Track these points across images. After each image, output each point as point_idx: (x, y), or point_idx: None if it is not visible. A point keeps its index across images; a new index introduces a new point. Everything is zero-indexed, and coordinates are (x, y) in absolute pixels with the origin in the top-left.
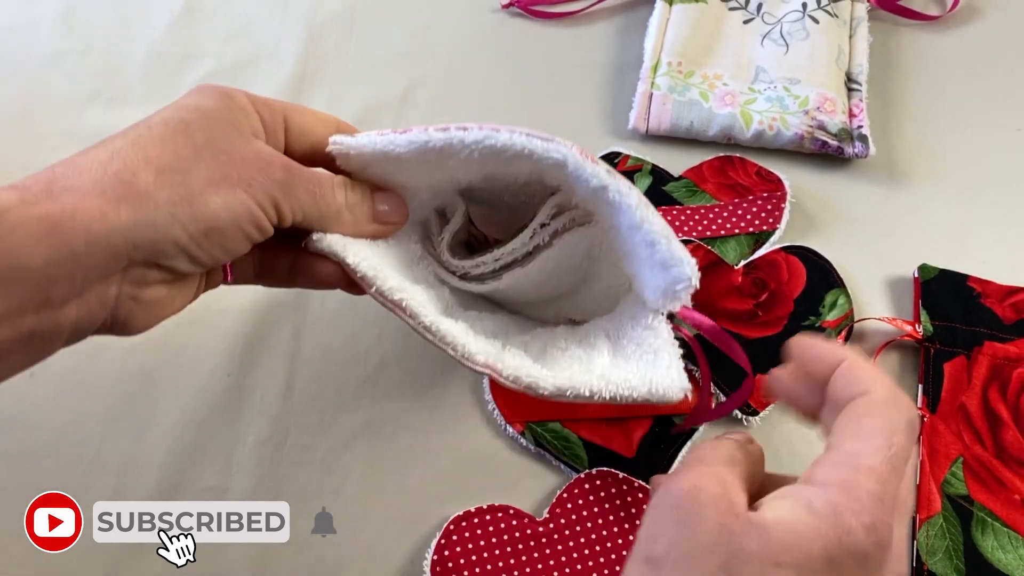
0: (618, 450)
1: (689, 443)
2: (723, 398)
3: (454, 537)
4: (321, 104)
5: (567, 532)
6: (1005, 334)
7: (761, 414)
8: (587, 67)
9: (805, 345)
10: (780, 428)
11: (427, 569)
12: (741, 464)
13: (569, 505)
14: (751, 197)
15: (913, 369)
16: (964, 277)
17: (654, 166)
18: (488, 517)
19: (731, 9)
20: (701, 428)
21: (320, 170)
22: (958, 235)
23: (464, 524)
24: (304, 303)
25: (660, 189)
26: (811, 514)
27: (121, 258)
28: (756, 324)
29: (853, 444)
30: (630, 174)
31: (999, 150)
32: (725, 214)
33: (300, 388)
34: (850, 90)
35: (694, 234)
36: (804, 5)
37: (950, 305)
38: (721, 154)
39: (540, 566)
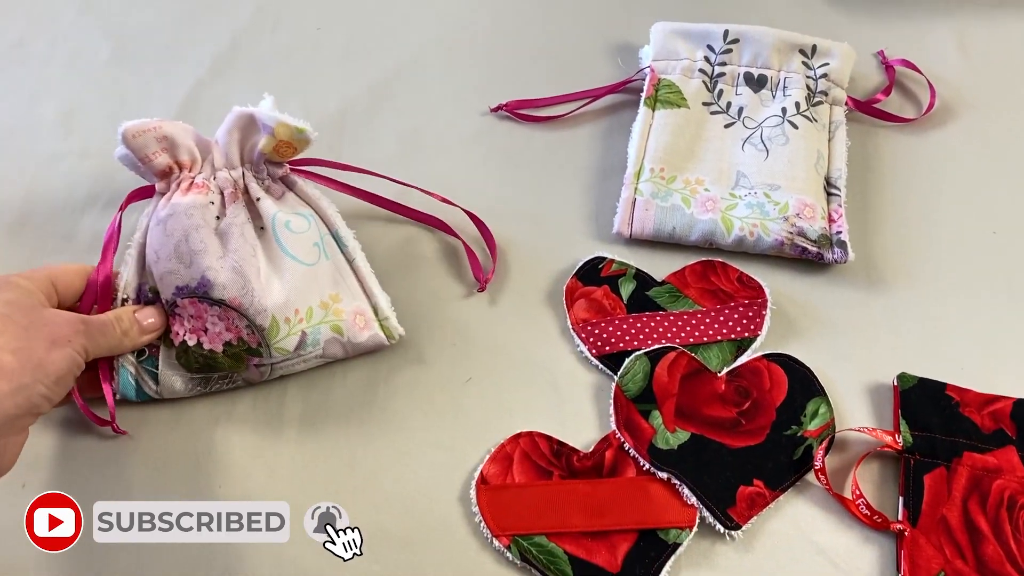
0: (603, 565)
1: (674, 556)
2: (706, 513)
3: None
4: None
5: None
6: (984, 444)
7: (744, 527)
8: (572, 170)
9: None
10: (763, 540)
11: None
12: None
13: None
14: (733, 303)
15: (894, 480)
16: (942, 386)
17: (638, 270)
18: None
19: (712, 113)
20: (686, 542)
21: (103, 316)
22: (936, 340)
23: None
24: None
25: (644, 294)
26: None
27: (11, 417)
28: (740, 433)
29: None
30: (615, 278)
31: (975, 253)
32: (708, 320)
33: None
34: (829, 195)
35: (677, 340)
36: (784, 110)
37: (929, 415)
38: (703, 258)
39: None
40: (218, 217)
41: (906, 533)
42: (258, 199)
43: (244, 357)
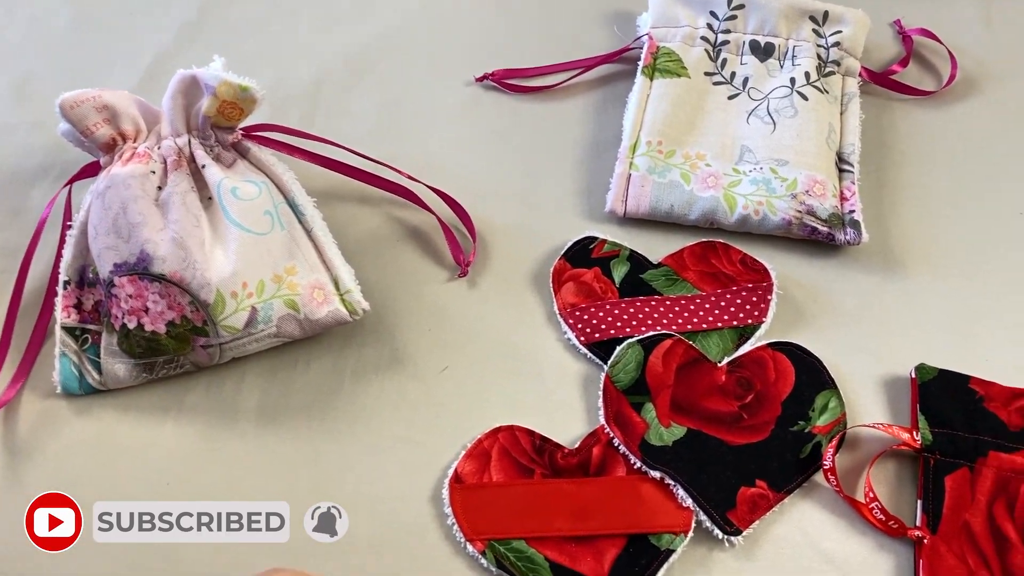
0: (588, 573)
1: (667, 564)
2: (703, 517)
3: None
4: None
5: None
6: (1011, 443)
7: (744, 532)
8: (563, 145)
9: None
10: (765, 547)
11: None
12: None
13: None
14: (735, 288)
15: (912, 481)
16: (965, 379)
17: (632, 252)
18: None
19: (715, 84)
20: (680, 548)
21: None
22: (958, 329)
23: None
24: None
25: (638, 277)
26: None
27: None
28: (741, 429)
29: None
30: (606, 260)
31: (1001, 235)
32: (707, 306)
33: None
34: (841, 171)
35: (674, 327)
36: (792, 80)
37: (951, 410)
38: (703, 239)
39: None
40: (160, 187)
41: (925, 540)
42: (203, 166)
43: (189, 338)
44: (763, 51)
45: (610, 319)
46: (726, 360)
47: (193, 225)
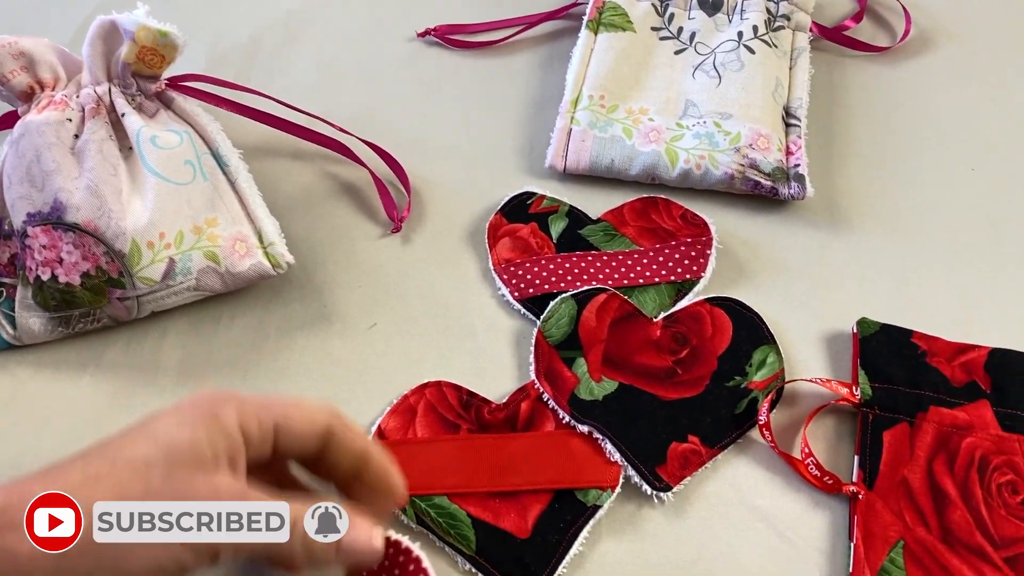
0: (511, 529)
1: (593, 520)
2: (632, 472)
3: None
4: None
5: None
6: (953, 398)
7: (675, 489)
8: (506, 102)
9: None
10: (697, 504)
11: None
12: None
13: None
14: (674, 243)
15: (850, 438)
16: (908, 333)
17: (571, 208)
18: None
19: (662, 39)
20: (607, 504)
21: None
22: (904, 285)
23: None
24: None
25: (576, 233)
26: None
27: None
28: (675, 384)
29: None
30: (544, 216)
31: (951, 192)
32: (645, 261)
33: None
34: (788, 125)
35: (610, 282)
36: (740, 34)
37: (892, 365)
38: (645, 195)
39: None
40: (76, 135)
41: (860, 496)
42: (124, 115)
43: (105, 289)
44: (711, 5)
45: (545, 274)
46: (662, 315)
47: (110, 174)
